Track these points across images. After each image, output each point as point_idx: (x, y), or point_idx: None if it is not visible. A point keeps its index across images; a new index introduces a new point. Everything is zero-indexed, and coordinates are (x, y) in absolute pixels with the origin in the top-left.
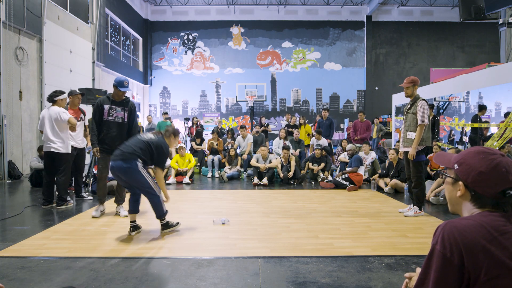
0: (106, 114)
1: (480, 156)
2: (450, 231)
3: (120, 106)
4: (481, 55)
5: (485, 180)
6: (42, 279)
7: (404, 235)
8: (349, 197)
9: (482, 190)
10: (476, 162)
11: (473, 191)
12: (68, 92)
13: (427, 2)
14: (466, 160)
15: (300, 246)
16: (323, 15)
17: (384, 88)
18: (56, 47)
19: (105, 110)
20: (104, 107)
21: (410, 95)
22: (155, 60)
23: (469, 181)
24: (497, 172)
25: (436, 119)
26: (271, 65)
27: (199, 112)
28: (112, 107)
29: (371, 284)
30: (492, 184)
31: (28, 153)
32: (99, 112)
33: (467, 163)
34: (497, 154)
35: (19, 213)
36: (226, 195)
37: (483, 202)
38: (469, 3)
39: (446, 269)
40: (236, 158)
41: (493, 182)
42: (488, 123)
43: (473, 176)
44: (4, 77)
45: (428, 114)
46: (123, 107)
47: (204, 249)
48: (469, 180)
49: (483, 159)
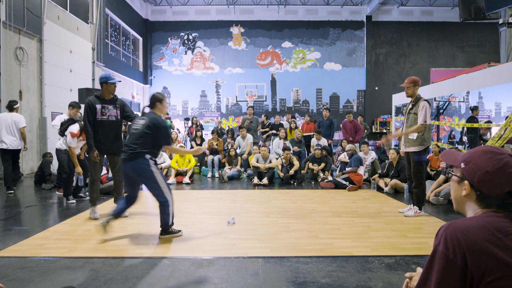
0: (100, 113)
1: (488, 155)
2: (453, 232)
3: (111, 104)
4: (481, 55)
5: (491, 180)
6: (42, 279)
7: (404, 235)
8: (349, 197)
9: (488, 190)
10: (483, 161)
11: (478, 190)
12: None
13: (427, 2)
14: (473, 159)
15: (300, 246)
16: (323, 15)
17: (384, 88)
18: (56, 47)
19: (97, 110)
20: (96, 107)
21: (412, 95)
22: (155, 60)
23: (475, 180)
24: (504, 172)
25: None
26: (271, 65)
27: (199, 112)
28: (104, 106)
29: (371, 284)
30: (498, 185)
31: (28, 153)
32: (92, 112)
33: (473, 162)
34: (505, 154)
35: (19, 213)
36: (226, 195)
37: (488, 202)
38: (469, 3)
39: (449, 271)
40: (236, 158)
41: (499, 183)
42: (489, 123)
43: (479, 175)
44: (4, 77)
45: (430, 115)
46: (114, 105)
47: (204, 249)
48: (475, 180)
49: (490, 158)
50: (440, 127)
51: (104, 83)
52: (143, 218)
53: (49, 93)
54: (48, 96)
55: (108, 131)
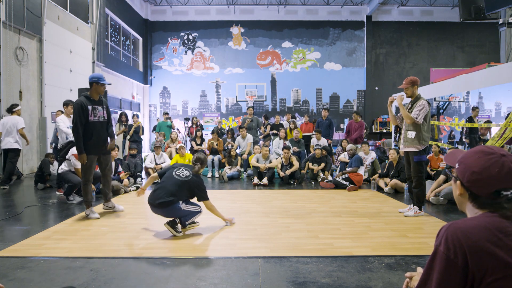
0: (92, 115)
1: (477, 155)
2: (454, 232)
3: (100, 104)
4: (481, 55)
5: (478, 180)
6: (42, 279)
7: (404, 235)
8: (349, 197)
9: (476, 190)
10: (471, 161)
11: (469, 190)
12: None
13: (427, 2)
14: (465, 159)
15: (300, 246)
16: (323, 15)
17: (384, 88)
18: (56, 47)
19: (89, 111)
20: (88, 108)
21: (411, 96)
22: (155, 60)
23: (465, 180)
24: (489, 172)
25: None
26: (271, 65)
27: (199, 112)
28: (94, 107)
29: (371, 284)
30: (485, 184)
31: (28, 153)
32: (85, 114)
33: (464, 163)
34: (495, 154)
35: (19, 213)
36: (226, 195)
37: (480, 202)
38: (469, 3)
39: (449, 271)
40: (236, 158)
41: (486, 182)
42: (489, 123)
43: (467, 175)
44: (4, 77)
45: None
46: (102, 106)
47: (204, 249)
48: (465, 180)
49: (479, 158)
50: (440, 127)
51: (95, 83)
52: (143, 218)
53: (49, 93)
54: (48, 96)
55: (99, 132)
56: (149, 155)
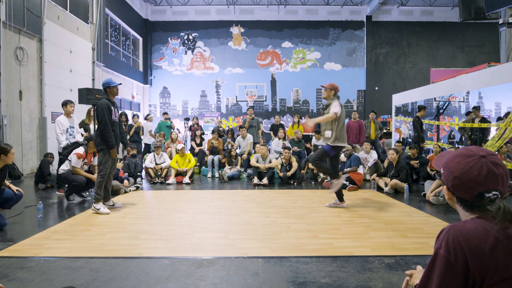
0: (114, 114)
1: (457, 160)
2: (455, 235)
3: (115, 107)
4: (481, 55)
5: (460, 185)
6: (42, 279)
7: (404, 235)
8: (349, 197)
9: (460, 194)
10: (452, 166)
11: (455, 195)
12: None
13: (427, 2)
14: (447, 164)
15: (300, 246)
16: (323, 15)
17: (384, 88)
18: (56, 47)
19: (112, 111)
20: (111, 108)
21: (326, 98)
22: (155, 60)
23: (449, 185)
24: (469, 176)
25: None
26: (271, 65)
27: (199, 112)
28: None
29: (371, 284)
30: (467, 188)
31: (28, 153)
32: (109, 113)
33: (447, 167)
34: (475, 155)
35: (19, 213)
36: (226, 195)
37: (468, 205)
38: (469, 3)
39: (450, 275)
40: (236, 158)
41: (467, 186)
42: (489, 123)
43: (451, 181)
44: (4, 77)
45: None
46: (116, 107)
47: (204, 249)
48: (449, 185)
49: (458, 163)
50: (440, 127)
51: (108, 88)
52: (143, 218)
53: (49, 93)
54: (48, 96)
55: (116, 131)
56: (149, 155)
